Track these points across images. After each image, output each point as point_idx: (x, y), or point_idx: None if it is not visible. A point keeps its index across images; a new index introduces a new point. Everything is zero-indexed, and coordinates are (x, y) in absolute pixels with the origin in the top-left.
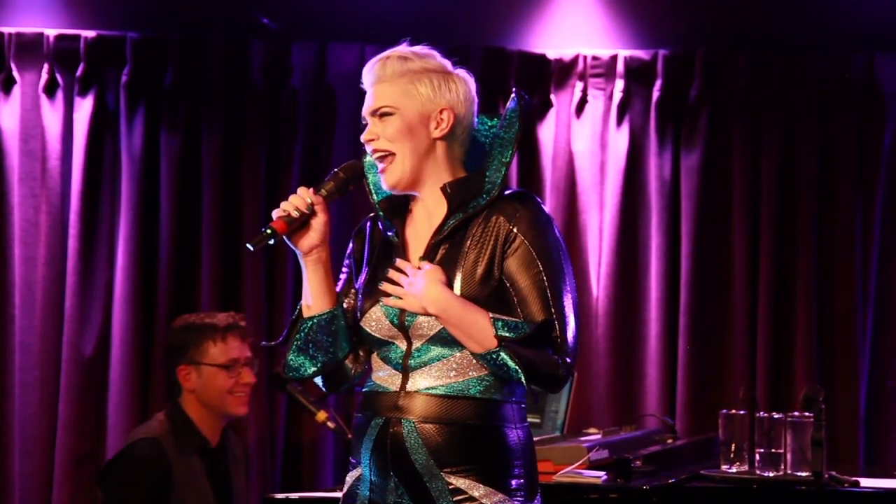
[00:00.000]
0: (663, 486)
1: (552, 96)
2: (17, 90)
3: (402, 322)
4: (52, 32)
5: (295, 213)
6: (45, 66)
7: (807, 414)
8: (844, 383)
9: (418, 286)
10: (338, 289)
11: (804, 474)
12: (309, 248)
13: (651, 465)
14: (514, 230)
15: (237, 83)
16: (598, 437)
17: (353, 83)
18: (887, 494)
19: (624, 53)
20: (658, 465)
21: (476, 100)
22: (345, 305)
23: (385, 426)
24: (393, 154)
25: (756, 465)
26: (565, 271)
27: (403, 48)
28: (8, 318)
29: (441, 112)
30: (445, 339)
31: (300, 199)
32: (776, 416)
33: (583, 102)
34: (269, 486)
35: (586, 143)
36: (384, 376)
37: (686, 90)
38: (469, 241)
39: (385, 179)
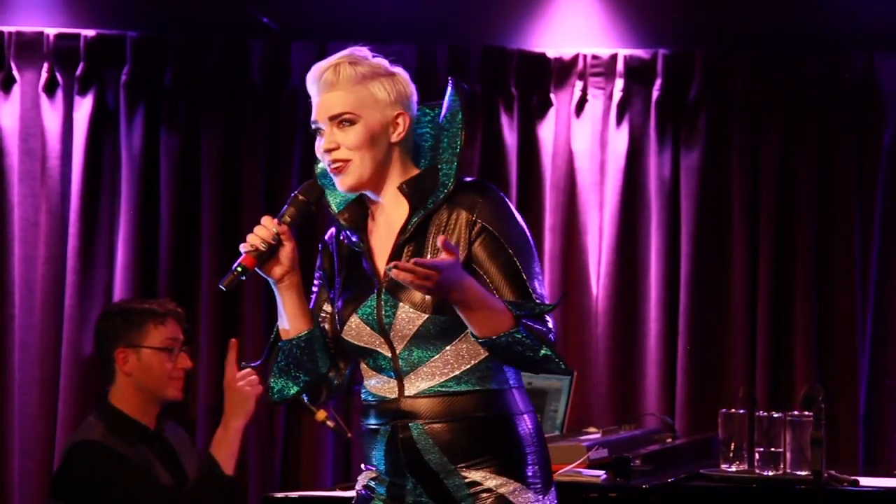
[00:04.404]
0: (663, 486)
1: (552, 96)
2: (16, 89)
3: (382, 325)
4: (51, 31)
5: (262, 247)
6: (45, 65)
7: (806, 413)
8: (844, 382)
9: (451, 277)
10: (310, 304)
11: (804, 473)
12: (280, 275)
13: (650, 464)
14: (477, 219)
15: (237, 82)
16: (598, 436)
17: None
18: (886, 494)
19: (624, 53)
20: (657, 465)
21: (415, 94)
22: (320, 321)
23: (394, 433)
24: (350, 160)
25: (755, 464)
26: (534, 255)
27: (342, 55)
28: (7, 317)
29: (398, 117)
30: (426, 337)
31: (265, 230)
32: (776, 415)
33: (582, 102)
34: (268, 486)
35: (586, 142)
36: (379, 385)
37: (686, 90)
38: (432, 238)
39: (341, 181)
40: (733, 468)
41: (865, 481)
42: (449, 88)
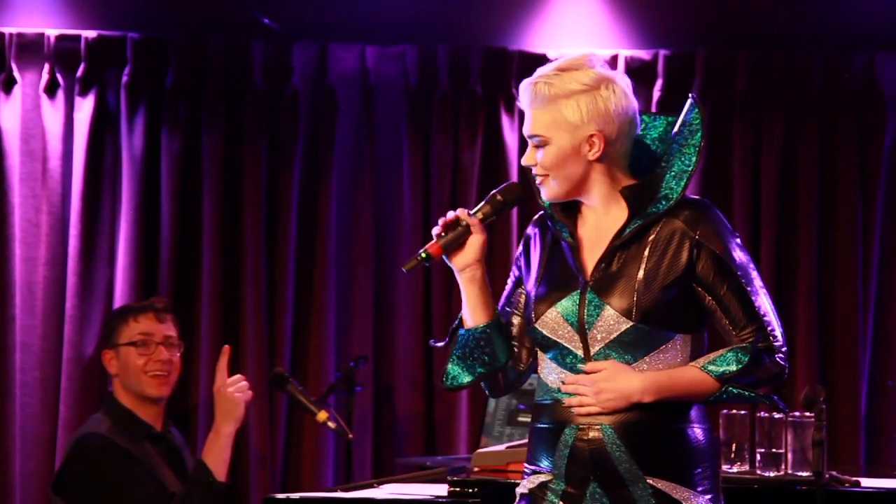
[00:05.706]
0: None
1: None
2: (17, 90)
3: (582, 324)
4: (52, 33)
5: (448, 235)
6: (46, 67)
7: (807, 414)
8: (845, 383)
9: (614, 386)
10: (504, 295)
11: (805, 474)
12: (463, 265)
13: None
14: (700, 238)
15: (238, 83)
16: None
17: (353, 83)
18: (888, 494)
19: (625, 53)
20: None
21: (633, 103)
22: (510, 313)
23: (582, 433)
24: (547, 176)
25: (757, 465)
26: (756, 270)
27: (550, 68)
28: (8, 318)
29: (591, 137)
30: (625, 343)
31: (454, 216)
32: (777, 416)
33: None
34: (269, 486)
35: None
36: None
37: (687, 90)
38: (648, 249)
39: (543, 194)
40: (734, 469)
41: (867, 482)
42: (689, 104)
